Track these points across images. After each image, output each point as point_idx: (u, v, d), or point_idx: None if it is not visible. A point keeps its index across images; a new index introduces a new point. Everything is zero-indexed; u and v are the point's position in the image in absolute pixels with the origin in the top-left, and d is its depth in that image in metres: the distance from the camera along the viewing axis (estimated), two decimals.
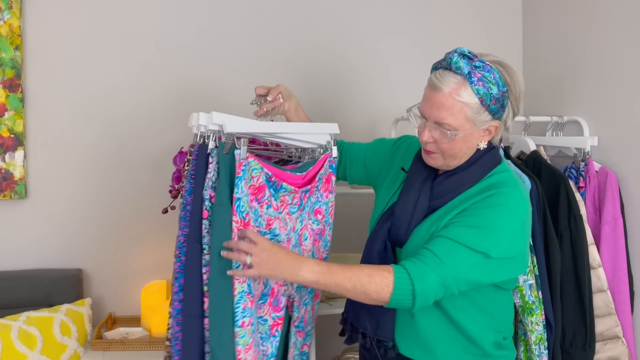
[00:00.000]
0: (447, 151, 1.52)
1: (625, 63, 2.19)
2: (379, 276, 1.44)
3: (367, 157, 1.85)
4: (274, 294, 1.61)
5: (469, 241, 1.45)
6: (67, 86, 2.46)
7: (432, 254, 1.45)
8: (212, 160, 1.53)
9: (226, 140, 1.52)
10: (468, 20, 2.76)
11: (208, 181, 1.52)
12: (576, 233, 2.02)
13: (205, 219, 1.51)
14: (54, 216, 2.47)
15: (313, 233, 1.70)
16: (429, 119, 1.50)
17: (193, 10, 2.56)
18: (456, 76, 1.46)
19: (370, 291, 1.43)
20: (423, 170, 1.61)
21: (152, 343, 2.25)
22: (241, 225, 1.49)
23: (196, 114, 1.56)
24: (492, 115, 1.49)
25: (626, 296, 2.10)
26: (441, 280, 1.44)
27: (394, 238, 1.59)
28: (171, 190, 2.32)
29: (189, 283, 1.51)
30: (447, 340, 1.58)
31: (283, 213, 1.61)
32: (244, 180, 1.50)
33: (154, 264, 2.55)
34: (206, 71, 2.58)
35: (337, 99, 2.69)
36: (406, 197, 1.59)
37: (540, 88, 2.68)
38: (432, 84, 1.49)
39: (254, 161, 1.53)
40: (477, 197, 1.52)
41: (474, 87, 1.45)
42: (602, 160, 2.26)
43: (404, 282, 1.43)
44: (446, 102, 1.46)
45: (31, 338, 2.16)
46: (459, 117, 1.47)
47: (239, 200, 1.49)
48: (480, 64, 1.46)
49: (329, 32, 2.67)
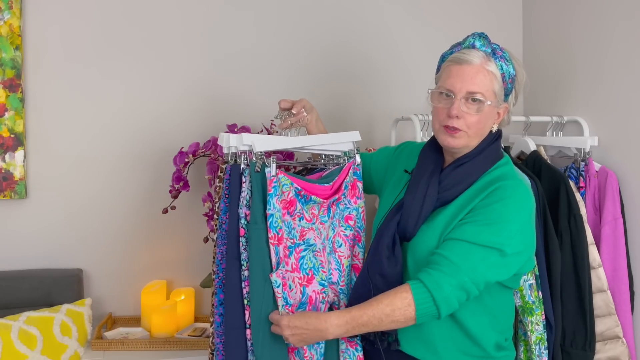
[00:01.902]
0: (475, 126, 1.55)
1: (626, 63, 2.19)
2: (398, 301, 1.47)
3: (371, 165, 1.88)
4: (312, 302, 1.65)
5: (482, 239, 1.47)
6: (68, 86, 2.46)
7: (447, 260, 1.47)
8: (245, 179, 1.61)
9: (257, 159, 1.60)
10: (467, 21, 2.76)
11: (242, 200, 1.61)
12: (576, 233, 2.02)
13: (242, 236, 1.60)
14: (54, 216, 2.47)
15: (347, 239, 1.75)
16: (459, 93, 1.54)
17: (200, 11, 2.56)
18: (481, 52, 1.55)
19: (396, 319, 1.48)
20: (429, 164, 1.64)
21: (152, 343, 2.25)
22: (275, 240, 1.59)
23: (226, 135, 1.64)
24: (505, 95, 1.58)
25: (626, 296, 2.10)
26: (459, 284, 1.46)
27: (403, 231, 1.60)
28: (171, 190, 2.33)
29: (230, 297, 1.61)
30: (450, 339, 1.58)
31: (317, 223, 1.69)
32: (276, 196, 1.59)
33: (154, 264, 2.54)
34: (206, 72, 2.58)
35: (337, 99, 2.68)
36: (415, 190, 1.61)
37: (540, 88, 2.68)
38: (458, 59, 1.56)
39: (284, 177, 1.61)
40: (483, 193, 1.54)
41: (497, 62, 1.55)
42: (602, 160, 2.26)
43: (424, 296, 1.46)
44: (478, 72, 1.54)
45: (31, 338, 2.16)
46: (489, 88, 1.55)
47: (272, 216, 1.58)
48: (497, 46, 1.58)
49: (328, 33, 2.67)
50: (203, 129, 2.53)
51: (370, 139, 2.68)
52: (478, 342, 1.58)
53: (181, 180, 2.30)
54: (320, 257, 1.68)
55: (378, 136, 2.69)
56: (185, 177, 2.31)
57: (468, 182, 1.58)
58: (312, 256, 1.67)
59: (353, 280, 1.74)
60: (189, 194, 2.39)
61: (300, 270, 1.64)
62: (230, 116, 2.54)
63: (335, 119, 2.66)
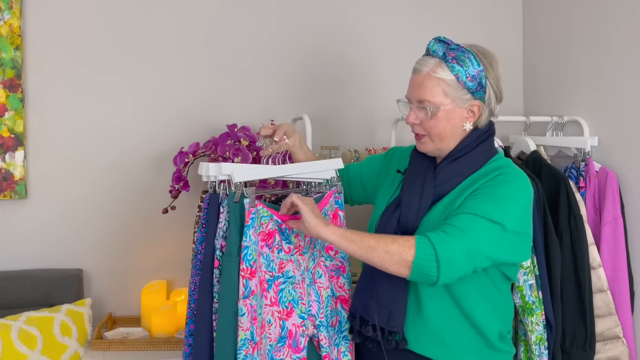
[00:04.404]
0: (433, 130, 1.61)
1: (626, 63, 2.19)
2: (401, 239, 1.49)
3: (362, 174, 1.91)
4: (292, 336, 1.63)
5: (486, 212, 1.51)
6: (68, 86, 2.46)
7: (452, 226, 1.50)
8: (223, 209, 1.58)
9: (235, 189, 1.57)
10: (468, 21, 2.76)
11: (219, 230, 1.58)
12: (576, 233, 2.02)
13: (216, 268, 1.57)
14: (54, 216, 2.47)
15: (327, 270, 1.73)
16: (412, 100, 1.63)
17: (200, 11, 2.56)
18: (433, 58, 1.60)
19: (392, 252, 1.47)
20: (423, 161, 1.68)
21: (152, 343, 2.25)
22: (247, 273, 1.53)
23: (205, 164, 1.61)
24: (471, 94, 1.59)
25: (626, 296, 2.10)
26: (464, 249, 1.47)
27: (404, 227, 1.61)
28: (171, 190, 2.33)
29: (199, 330, 1.58)
30: (457, 330, 1.60)
31: (295, 255, 1.65)
32: (253, 228, 1.55)
33: (154, 264, 2.55)
34: (206, 72, 2.58)
35: (337, 100, 2.68)
36: (411, 186, 1.64)
37: (540, 88, 2.68)
38: (413, 69, 1.64)
39: (263, 209, 1.58)
40: (486, 177, 1.59)
41: (449, 64, 1.58)
42: (602, 160, 2.26)
43: (426, 248, 1.46)
44: (425, 80, 1.59)
45: (31, 338, 2.16)
46: (437, 93, 1.58)
47: (247, 248, 1.54)
48: (455, 46, 1.60)
49: (328, 33, 2.67)
50: (203, 129, 2.53)
51: (370, 139, 2.68)
52: (483, 332, 1.60)
53: (181, 180, 2.30)
54: (300, 289, 1.65)
55: (378, 136, 2.69)
56: (185, 177, 2.31)
57: (463, 176, 1.61)
58: (291, 289, 1.64)
59: (334, 312, 1.71)
60: (189, 194, 2.39)
61: (279, 303, 1.61)
62: (230, 116, 2.55)
63: (336, 119, 2.67)
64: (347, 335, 1.72)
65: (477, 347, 1.62)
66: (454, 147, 1.63)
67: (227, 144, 2.23)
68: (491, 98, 1.62)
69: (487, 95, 1.61)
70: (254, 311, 1.54)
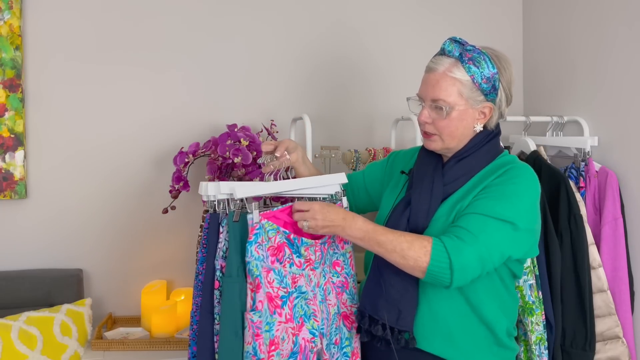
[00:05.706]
0: (445, 130, 1.61)
1: (626, 63, 2.19)
2: (418, 244, 1.50)
3: (365, 180, 1.90)
4: (302, 350, 1.61)
5: (497, 212, 1.52)
6: (68, 86, 2.46)
7: (465, 230, 1.51)
8: (223, 229, 1.57)
9: (235, 209, 1.56)
10: (468, 21, 2.76)
11: (219, 251, 1.56)
12: (576, 233, 2.02)
13: (216, 289, 1.56)
14: (54, 216, 2.47)
15: (335, 286, 1.70)
16: (426, 99, 1.62)
17: (200, 12, 2.56)
18: (449, 58, 1.59)
19: (408, 257, 1.49)
20: (430, 160, 1.69)
21: (152, 343, 2.25)
22: (254, 286, 1.52)
23: (205, 183, 1.58)
24: (484, 95, 1.59)
25: (626, 296, 2.10)
26: (478, 255, 1.49)
27: (414, 226, 1.62)
28: (171, 190, 2.33)
29: (201, 352, 1.57)
30: (466, 327, 1.60)
31: (306, 270, 1.64)
32: (255, 244, 1.53)
33: (154, 264, 2.55)
34: (206, 71, 2.58)
35: (337, 100, 2.68)
36: (420, 185, 1.65)
37: (540, 88, 2.68)
38: (428, 67, 1.63)
39: (268, 222, 1.56)
40: (495, 174, 1.60)
41: (465, 65, 1.57)
42: (602, 160, 2.26)
43: (441, 255, 1.48)
44: (441, 79, 1.59)
45: (31, 338, 2.16)
46: (452, 93, 1.58)
47: (249, 263, 1.53)
48: (471, 47, 1.60)
49: (328, 33, 2.67)
50: (203, 129, 2.53)
51: (370, 139, 2.68)
52: (492, 328, 1.61)
53: (181, 180, 2.30)
54: (313, 306, 1.63)
55: (378, 136, 2.69)
56: (185, 177, 2.31)
57: (470, 174, 1.62)
58: (304, 304, 1.61)
59: (338, 330, 1.69)
60: (189, 194, 2.39)
61: (293, 319, 1.59)
62: (230, 116, 2.55)
63: (336, 119, 2.67)
64: (347, 351, 1.71)
65: (486, 344, 1.62)
66: (462, 147, 1.64)
67: (227, 144, 2.24)
68: (502, 101, 1.63)
69: (498, 98, 1.62)
70: (257, 327, 1.52)
